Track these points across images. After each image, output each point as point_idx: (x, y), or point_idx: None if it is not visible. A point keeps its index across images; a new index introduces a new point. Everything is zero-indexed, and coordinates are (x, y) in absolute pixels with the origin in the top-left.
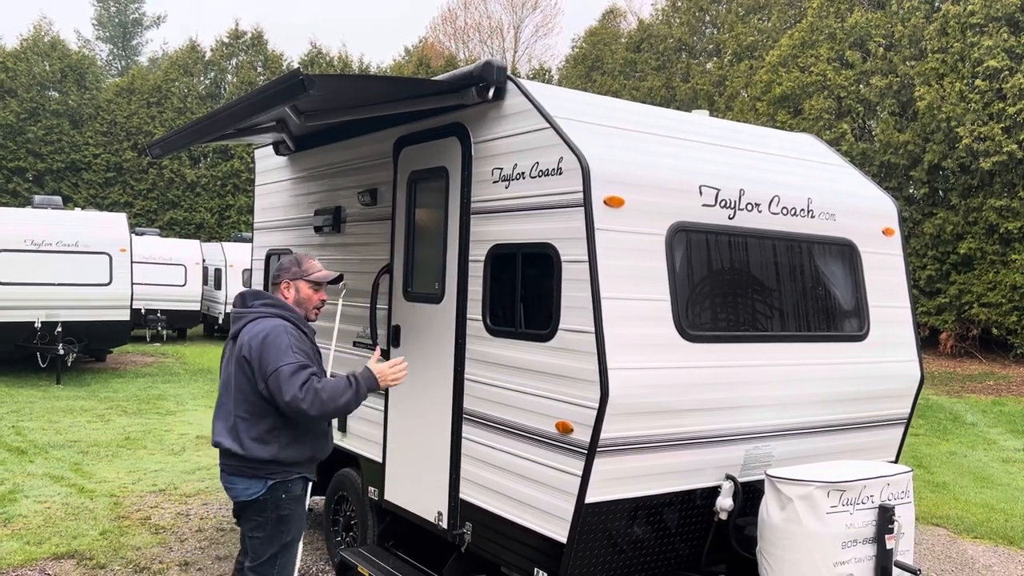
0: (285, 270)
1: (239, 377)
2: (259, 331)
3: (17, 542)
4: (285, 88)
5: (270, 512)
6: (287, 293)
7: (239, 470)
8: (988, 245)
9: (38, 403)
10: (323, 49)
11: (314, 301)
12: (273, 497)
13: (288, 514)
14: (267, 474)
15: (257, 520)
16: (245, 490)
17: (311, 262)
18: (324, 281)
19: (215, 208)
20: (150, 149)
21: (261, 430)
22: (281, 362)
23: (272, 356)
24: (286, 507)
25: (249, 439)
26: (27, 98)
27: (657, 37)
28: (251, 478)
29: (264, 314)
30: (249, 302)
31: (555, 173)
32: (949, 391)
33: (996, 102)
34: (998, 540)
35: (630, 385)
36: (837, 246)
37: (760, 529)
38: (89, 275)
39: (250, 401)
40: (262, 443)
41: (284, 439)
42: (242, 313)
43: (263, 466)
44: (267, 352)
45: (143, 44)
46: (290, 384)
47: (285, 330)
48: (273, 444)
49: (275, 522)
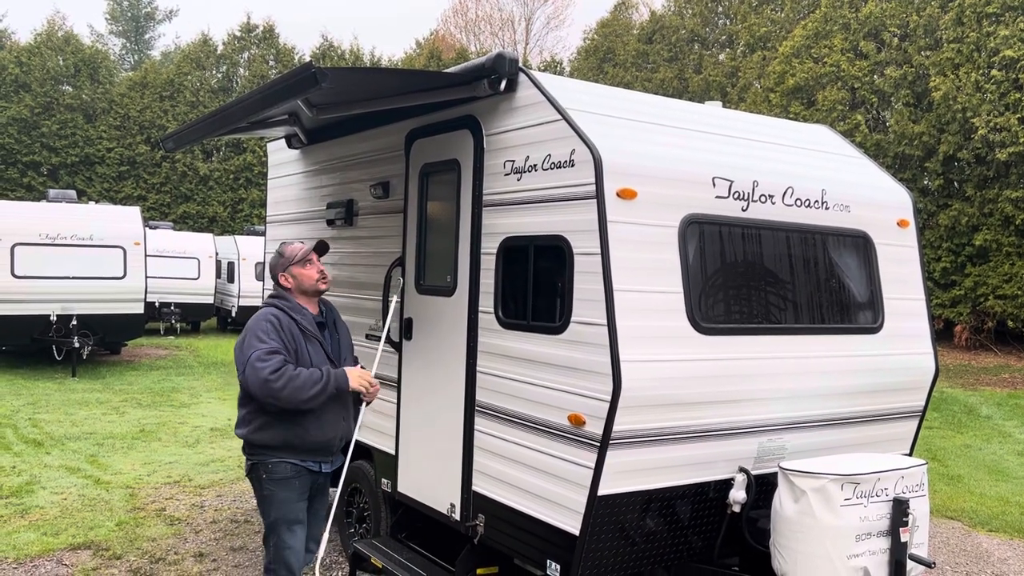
0: (275, 266)
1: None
2: (251, 319)
3: (34, 533)
4: (297, 81)
5: (256, 489)
6: (287, 284)
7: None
8: (1004, 237)
9: (54, 395)
10: (334, 43)
11: (312, 276)
12: (255, 475)
13: (268, 495)
14: (248, 453)
15: (256, 497)
16: (249, 466)
17: (290, 247)
18: (308, 256)
19: (228, 202)
20: (164, 143)
21: (243, 412)
22: (253, 347)
23: (247, 343)
24: (267, 487)
25: (238, 419)
26: (41, 92)
27: (669, 28)
28: (249, 456)
29: (261, 306)
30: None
31: (567, 165)
32: (964, 384)
33: (1012, 92)
34: (1013, 533)
35: (642, 378)
36: (851, 238)
37: (773, 522)
38: (103, 268)
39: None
40: (242, 424)
41: (256, 422)
42: None
43: (245, 445)
44: (246, 336)
45: (155, 38)
46: (261, 369)
47: (266, 317)
48: (246, 426)
49: (259, 500)
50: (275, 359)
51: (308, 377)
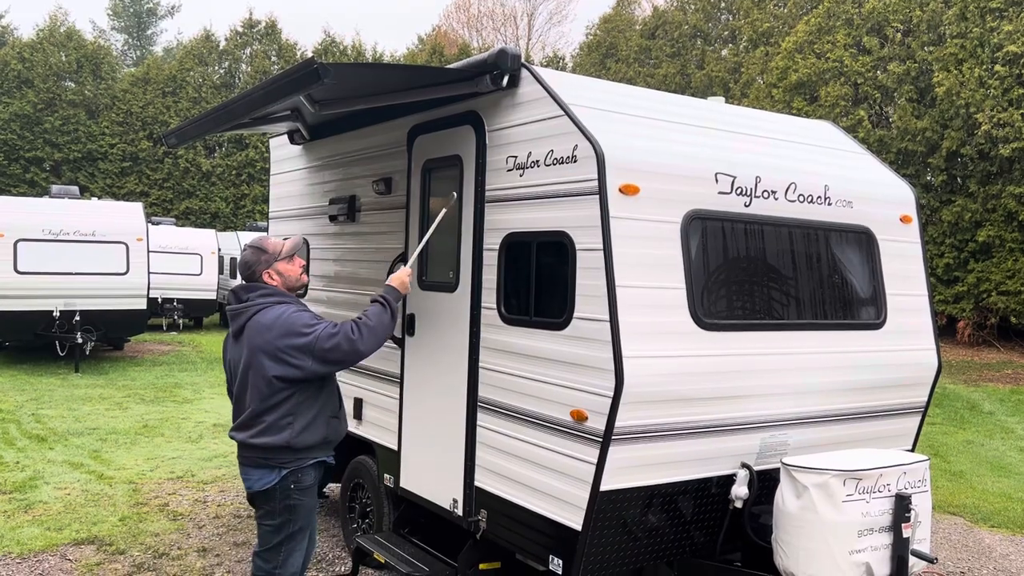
0: (255, 263)
1: (256, 369)
2: (272, 320)
3: (38, 528)
4: (300, 77)
5: (278, 501)
6: (272, 281)
7: (255, 461)
8: (1007, 233)
9: (57, 391)
10: (337, 38)
11: (297, 271)
12: (283, 486)
13: (296, 504)
14: (280, 463)
15: (266, 508)
16: (259, 480)
17: (271, 242)
18: (296, 250)
19: (230, 197)
20: (166, 139)
21: (275, 417)
22: (313, 328)
23: (297, 330)
24: (295, 497)
25: (264, 428)
26: (44, 88)
27: (672, 24)
28: (264, 467)
29: (267, 304)
30: (245, 296)
31: (570, 161)
32: (966, 380)
33: (1016, 88)
34: (1015, 529)
35: (645, 373)
36: (854, 234)
37: (776, 517)
38: (106, 264)
39: (266, 391)
40: (277, 430)
41: (298, 425)
42: (242, 308)
43: (276, 454)
44: (294, 332)
45: (158, 34)
46: (338, 339)
47: (294, 310)
48: (286, 431)
49: (284, 511)
50: (341, 324)
51: (376, 315)
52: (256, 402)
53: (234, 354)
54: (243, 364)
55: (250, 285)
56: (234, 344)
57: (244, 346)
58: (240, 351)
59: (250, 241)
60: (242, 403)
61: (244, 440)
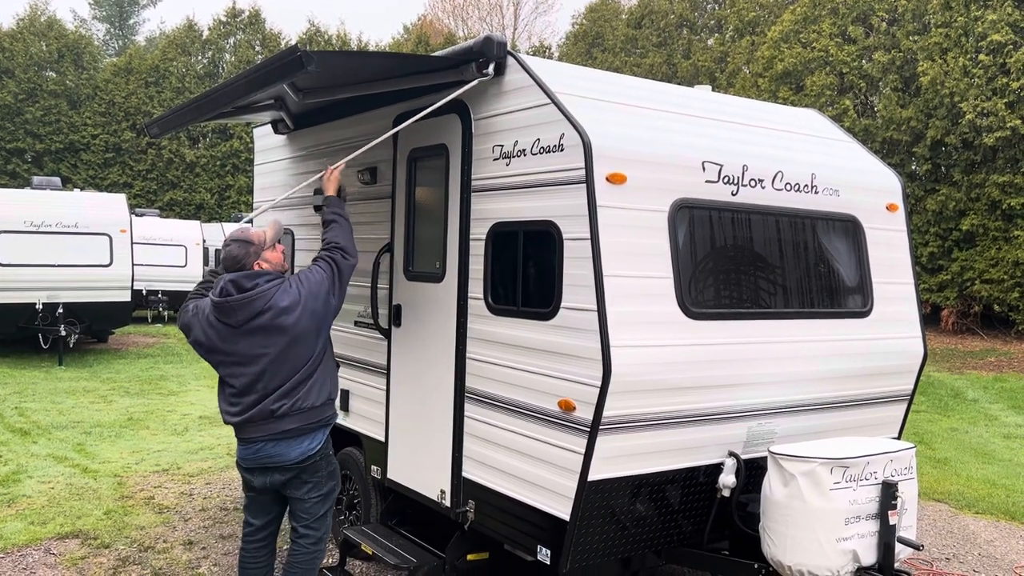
0: (244, 256)
1: (294, 344)
2: (297, 294)
3: (21, 522)
4: (283, 65)
5: (324, 468)
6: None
7: (299, 430)
8: (991, 221)
9: (40, 384)
10: (321, 28)
11: (280, 258)
12: (324, 451)
13: (334, 469)
14: (325, 420)
15: (312, 480)
16: (307, 445)
17: (255, 233)
18: (277, 237)
19: (215, 188)
20: (148, 128)
21: (317, 378)
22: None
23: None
24: (332, 460)
25: (308, 391)
26: (24, 78)
27: (658, 13)
28: (309, 433)
29: (278, 284)
30: (251, 283)
31: (556, 150)
32: (950, 367)
33: (1000, 77)
34: (999, 515)
35: (632, 363)
36: (841, 222)
37: (763, 506)
38: (89, 256)
39: (314, 355)
40: (319, 388)
41: (330, 381)
42: (253, 296)
43: (321, 412)
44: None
45: (140, 23)
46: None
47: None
48: (328, 385)
49: (328, 477)
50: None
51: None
52: (301, 372)
53: (243, 345)
54: (280, 345)
55: (250, 273)
56: (236, 334)
57: (265, 330)
58: (254, 339)
59: (230, 235)
60: (257, 386)
61: (287, 411)
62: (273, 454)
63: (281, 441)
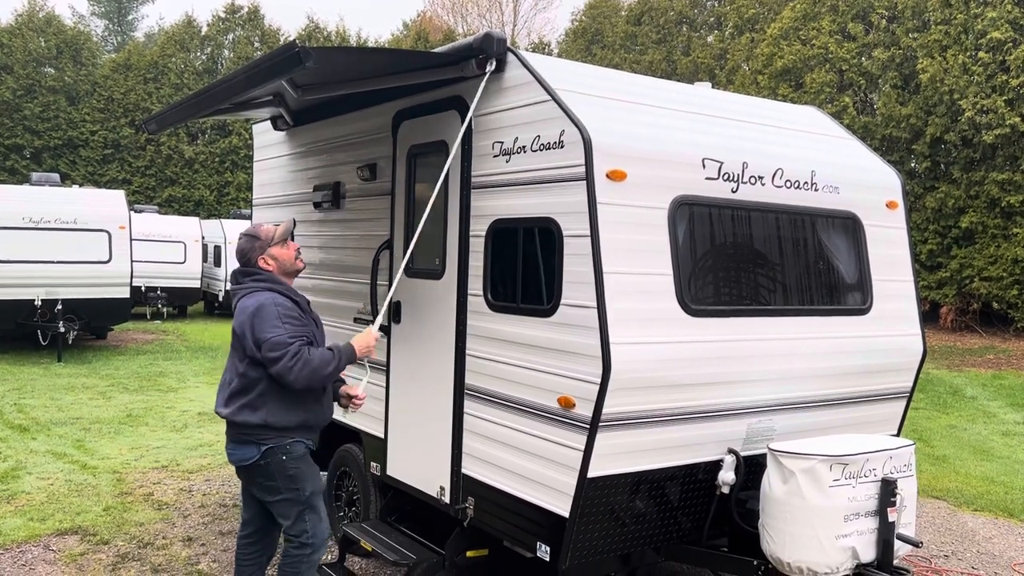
0: (250, 250)
1: (233, 349)
2: (249, 305)
3: (21, 518)
4: (282, 61)
5: (276, 474)
6: (268, 266)
7: (235, 436)
8: (990, 219)
9: (39, 380)
10: (320, 24)
11: (291, 256)
12: (273, 460)
13: (296, 473)
14: (259, 439)
15: (268, 484)
16: (243, 455)
17: (264, 228)
18: (288, 235)
19: (214, 185)
20: (147, 124)
21: (251, 397)
22: (271, 333)
23: (262, 326)
24: (291, 466)
25: (241, 406)
26: (23, 74)
27: (658, 10)
28: (245, 444)
29: (255, 288)
30: (241, 279)
31: (556, 146)
32: (949, 365)
33: (999, 74)
34: (998, 512)
35: (632, 360)
36: (840, 219)
37: (762, 503)
38: (88, 252)
39: (241, 370)
40: (252, 409)
41: (273, 405)
42: (236, 290)
43: (255, 431)
44: (258, 323)
45: (139, 19)
46: (279, 352)
47: (274, 302)
48: (262, 410)
49: (286, 481)
50: (296, 343)
51: (321, 360)
52: (236, 380)
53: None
54: (234, 345)
55: (247, 270)
56: None
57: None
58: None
59: (245, 229)
60: (223, 379)
61: (226, 416)
62: (227, 448)
63: (228, 439)
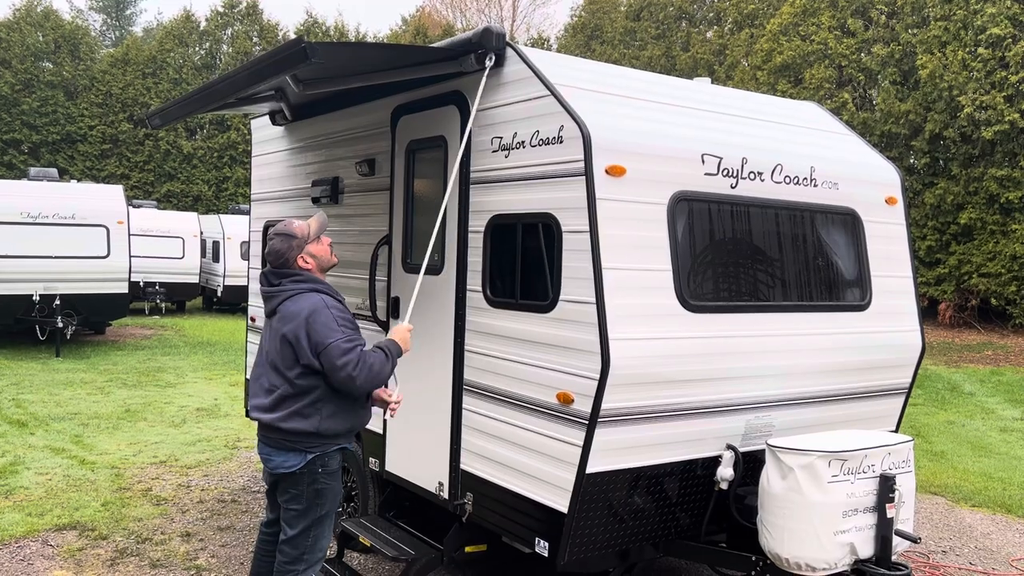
0: (287, 250)
1: (283, 354)
2: (300, 309)
3: (19, 513)
4: (287, 56)
5: (306, 485)
6: (308, 265)
7: (279, 443)
8: (988, 215)
9: (38, 376)
10: (319, 19)
11: (327, 251)
12: (311, 471)
13: (324, 488)
14: (307, 447)
15: (293, 492)
16: (284, 462)
17: (298, 226)
18: (322, 229)
19: (212, 180)
20: (150, 119)
21: (303, 404)
22: (331, 338)
23: (322, 332)
24: (322, 481)
25: (291, 412)
26: (21, 69)
27: (657, 5)
28: (290, 451)
29: (299, 291)
30: (276, 281)
31: (556, 142)
32: (947, 361)
33: (999, 70)
34: (996, 508)
35: (631, 355)
36: (840, 215)
37: (761, 498)
38: (86, 248)
39: (292, 377)
40: (303, 417)
41: (326, 411)
42: (274, 292)
43: (303, 439)
44: (316, 329)
45: (137, 14)
46: (345, 358)
47: (326, 305)
48: (315, 417)
49: (311, 495)
50: (357, 347)
51: (380, 360)
52: (284, 386)
53: (265, 335)
54: (269, 346)
55: (280, 272)
56: (269, 324)
57: (272, 329)
58: (272, 332)
59: (274, 229)
60: (261, 382)
61: (270, 422)
62: (262, 452)
63: (266, 445)
